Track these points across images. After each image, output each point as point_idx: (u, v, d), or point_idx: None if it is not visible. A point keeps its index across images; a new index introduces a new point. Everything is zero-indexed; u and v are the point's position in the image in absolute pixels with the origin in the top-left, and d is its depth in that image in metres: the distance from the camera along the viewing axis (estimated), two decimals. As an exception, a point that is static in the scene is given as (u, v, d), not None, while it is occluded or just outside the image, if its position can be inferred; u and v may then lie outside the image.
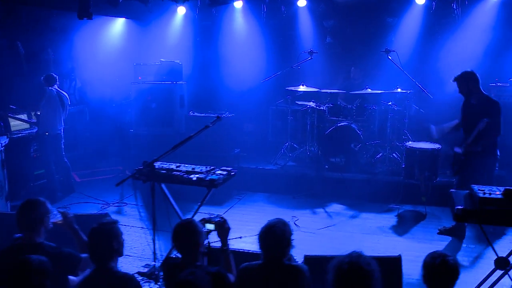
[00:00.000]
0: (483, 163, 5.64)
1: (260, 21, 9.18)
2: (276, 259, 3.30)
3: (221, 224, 3.63)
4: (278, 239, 3.28)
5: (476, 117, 5.49)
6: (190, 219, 3.53)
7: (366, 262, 2.62)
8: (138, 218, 6.84)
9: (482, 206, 3.70)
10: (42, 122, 7.24)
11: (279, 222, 3.40)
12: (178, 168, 4.98)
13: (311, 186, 7.57)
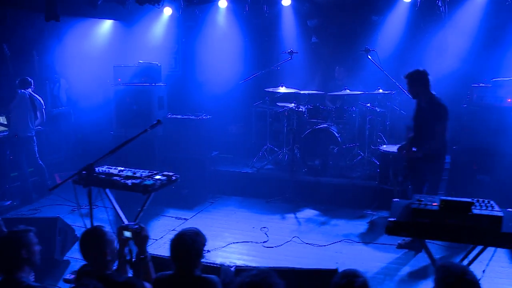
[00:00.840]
0: (429, 169, 5.37)
1: (243, 21, 9.03)
2: (186, 270, 3.20)
3: (137, 232, 3.52)
4: (187, 250, 3.18)
5: (423, 121, 5.26)
6: (97, 226, 3.42)
7: (271, 281, 2.54)
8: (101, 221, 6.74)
9: (414, 219, 3.46)
10: (12, 124, 7.27)
11: (190, 232, 3.30)
12: (120, 172, 4.87)
13: (286, 190, 7.38)
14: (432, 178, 5.41)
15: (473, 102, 6.84)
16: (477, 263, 3.54)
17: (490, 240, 3.29)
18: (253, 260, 5.34)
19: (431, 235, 3.47)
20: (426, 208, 3.43)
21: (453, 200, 3.42)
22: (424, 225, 3.41)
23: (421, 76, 5.24)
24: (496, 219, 3.24)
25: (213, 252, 5.63)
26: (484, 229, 3.27)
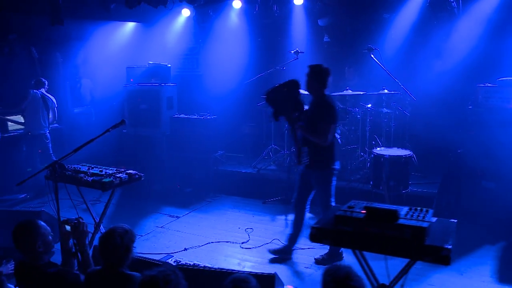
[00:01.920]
0: (315, 178, 5.12)
1: (254, 21, 9.03)
2: (112, 266, 3.27)
3: (75, 227, 3.64)
4: (115, 246, 3.24)
5: (310, 116, 5.02)
6: (32, 219, 3.56)
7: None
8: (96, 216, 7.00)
9: (336, 226, 3.32)
10: (26, 123, 7.73)
11: (119, 229, 3.36)
12: (89, 170, 5.06)
13: (283, 191, 7.30)
14: (320, 188, 5.14)
15: (478, 103, 6.42)
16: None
17: (412, 252, 3.10)
18: (224, 261, 5.36)
19: (353, 244, 3.31)
20: (350, 215, 3.29)
21: (378, 208, 3.26)
22: (347, 233, 3.27)
23: (321, 73, 4.99)
24: (419, 230, 3.05)
25: (190, 250, 5.70)
26: (407, 240, 3.08)
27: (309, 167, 5.09)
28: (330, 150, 5.06)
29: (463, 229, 6.01)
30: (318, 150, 4.96)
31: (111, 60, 9.63)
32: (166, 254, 5.58)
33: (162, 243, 5.99)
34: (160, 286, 2.61)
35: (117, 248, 3.25)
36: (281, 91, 4.91)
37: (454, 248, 5.32)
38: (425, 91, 7.60)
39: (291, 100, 4.89)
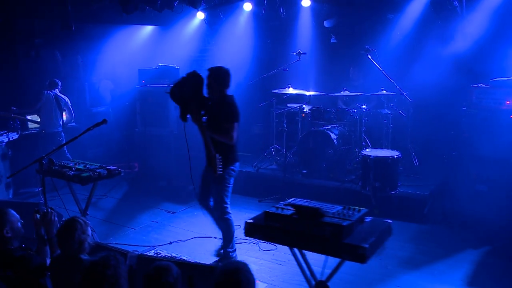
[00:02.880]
0: (212, 177, 5.07)
1: (263, 23, 9.20)
2: (69, 253, 3.50)
3: (44, 215, 3.93)
4: (66, 238, 3.50)
5: (212, 117, 5.01)
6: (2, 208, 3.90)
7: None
8: (99, 210, 7.42)
9: (266, 222, 3.44)
10: (41, 122, 8.27)
11: (75, 221, 3.61)
12: (74, 165, 5.39)
13: (280, 190, 7.41)
14: (216, 186, 5.10)
15: (472, 104, 6.27)
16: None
17: (331, 249, 3.18)
18: (203, 255, 5.57)
19: (281, 240, 3.43)
20: (278, 212, 3.41)
21: (304, 206, 3.36)
22: (276, 229, 3.39)
23: (220, 74, 5.02)
24: (337, 228, 3.13)
25: (174, 243, 5.95)
26: (327, 237, 3.17)
27: (208, 166, 5.14)
28: (230, 150, 5.04)
29: (450, 233, 6.00)
30: (217, 150, 4.90)
31: (129, 62, 10.08)
32: (150, 246, 5.85)
33: (152, 236, 6.27)
34: (99, 270, 2.82)
35: (71, 244, 3.50)
36: (186, 85, 4.83)
37: (433, 251, 5.37)
38: (426, 92, 7.51)
39: (196, 95, 4.87)
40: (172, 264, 3.01)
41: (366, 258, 3.05)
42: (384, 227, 3.41)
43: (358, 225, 3.32)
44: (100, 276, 2.78)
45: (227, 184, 5.11)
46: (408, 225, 6.35)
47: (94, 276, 2.80)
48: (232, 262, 2.82)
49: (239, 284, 2.57)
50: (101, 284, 2.77)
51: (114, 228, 6.60)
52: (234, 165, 5.15)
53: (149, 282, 2.88)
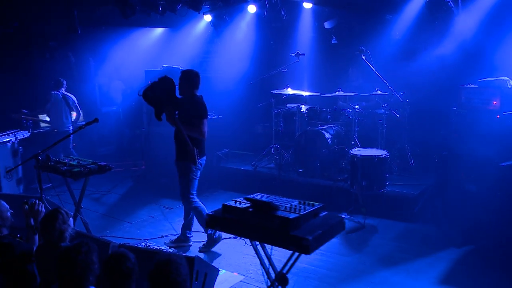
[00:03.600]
0: (180, 168, 5.63)
1: (265, 25, 9.37)
2: (51, 242, 3.75)
3: (31, 206, 4.22)
4: (50, 223, 3.75)
5: (185, 115, 5.37)
6: None
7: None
8: (102, 205, 7.74)
9: (224, 214, 3.63)
10: (51, 121, 8.66)
11: (57, 212, 3.88)
12: (69, 161, 5.69)
13: (275, 189, 7.54)
14: (184, 178, 5.57)
15: (461, 105, 6.29)
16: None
17: (280, 241, 3.33)
18: (190, 249, 5.79)
19: (237, 231, 3.61)
20: (235, 205, 3.59)
21: (258, 200, 3.53)
22: (232, 221, 3.57)
23: (190, 76, 5.52)
24: (285, 221, 3.28)
25: (165, 237, 6.19)
26: (275, 229, 3.32)
27: (176, 159, 5.65)
28: (198, 145, 5.43)
29: (437, 232, 6.04)
30: (184, 142, 5.31)
31: (139, 63, 10.38)
32: (142, 239, 6.11)
33: (147, 230, 6.54)
34: (71, 256, 3.08)
35: (51, 232, 3.76)
36: (158, 88, 5.20)
37: (414, 249, 5.44)
38: (422, 92, 7.57)
39: (170, 97, 5.23)
40: (128, 252, 3.23)
41: (310, 249, 3.18)
42: (335, 222, 3.53)
43: (309, 218, 3.44)
44: (72, 261, 3.04)
45: (194, 176, 5.56)
46: (396, 223, 6.43)
47: (66, 261, 3.06)
48: (166, 253, 3.01)
49: (169, 275, 2.74)
50: (73, 268, 3.03)
51: (112, 222, 6.89)
52: (201, 159, 5.57)
53: (105, 267, 3.12)
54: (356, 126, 7.41)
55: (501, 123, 5.78)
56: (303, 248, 3.20)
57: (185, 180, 5.56)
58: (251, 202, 3.56)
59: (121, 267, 3.10)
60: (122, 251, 3.22)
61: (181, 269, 2.76)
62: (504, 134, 5.73)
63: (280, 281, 3.73)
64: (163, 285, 2.70)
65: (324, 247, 5.52)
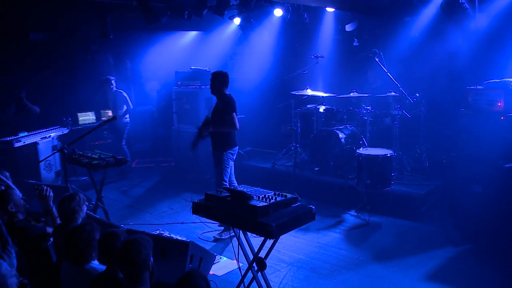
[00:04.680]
0: (216, 158, 6.31)
1: (288, 28, 9.67)
2: (66, 222, 4.30)
3: (40, 192, 4.78)
4: (64, 209, 4.24)
5: (217, 112, 6.20)
6: (5, 189, 4.80)
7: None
8: (128, 197, 8.34)
9: (206, 202, 4.01)
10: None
11: (70, 195, 4.38)
12: (91, 155, 6.27)
13: (289, 186, 7.84)
14: (218, 167, 6.24)
15: (469, 106, 6.33)
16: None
17: (249, 226, 3.69)
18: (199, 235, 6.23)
19: (216, 217, 4.01)
20: (216, 194, 3.98)
21: (235, 190, 3.91)
22: (212, 208, 3.96)
23: (220, 76, 6.26)
24: (253, 209, 3.63)
25: (185, 224, 6.71)
26: (245, 216, 3.68)
27: (213, 150, 6.37)
28: (228, 135, 6.17)
29: (439, 231, 6.16)
30: (218, 135, 6.18)
31: (174, 64, 10.95)
32: (156, 225, 6.62)
33: (164, 220, 7.03)
34: (76, 233, 3.56)
35: (65, 210, 4.30)
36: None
37: (411, 246, 5.59)
38: (437, 92, 7.62)
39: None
40: (121, 232, 3.67)
41: (274, 235, 3.51)
42: (303, 212, 3.82)
43: (279, 208, 3.76)
44: (76, 237, 3.51)
45: (226, 165, 6.21)
46: (401, 222, 6.56)
47: (72, 237, 3.53)
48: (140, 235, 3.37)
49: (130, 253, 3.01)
50: (78, 243, 3.48)
51: (135, 212, 7.46)
52: (232, 149, 6.27)
53: (99, 245, 3.57)
54: (368, 126, 7.57)
55: (505, 124, 5.80)
56: (267, 233, 3.53)
57: (219, 168, 6.23)
58: (229, 192, 3.93)
59: (110, 244, 3.54)
60: (114, 231, 3.64)
61: (141, 249, 3.09)
62: (509, 136, 5.74)
63: (258, 264, 4.05)
64: (126, 262, 3.06)
65: (324, 241, 5.96)
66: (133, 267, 3.04)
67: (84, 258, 3.55)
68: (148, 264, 3.09)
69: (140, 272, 3.05)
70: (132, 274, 3.06)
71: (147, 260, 3.07)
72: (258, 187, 4.24)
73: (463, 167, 6.36)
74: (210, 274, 4.95)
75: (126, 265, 3.06)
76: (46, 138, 8.21)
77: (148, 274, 3.11)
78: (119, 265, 3.14)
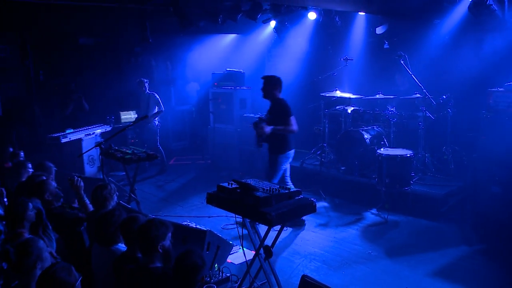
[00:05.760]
0: (270, 159, 6.34)
1: (321, 30, 9.92)
2: (98, 209, 4.83)
3: (71, 181, 5.32)
4: (96, 196, 4.75)
5: (274, 115, 6.21)
6: (42, 179, 5.34)
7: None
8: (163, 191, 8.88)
9: (218, 193, 4.40)
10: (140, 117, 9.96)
11: (103, 184, 4.89)
12: (125, 150, 6.82)
13: (317, 184, 8.11)
14: (270, 169, 6.29)
15: (490, 108, 6.39)
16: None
17: (253, 215, 4.04)
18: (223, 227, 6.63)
19: (226, 207, 4.35)
20: (226, 186, 4.36)
21: (243, 182, 4.27)
22: (223, 198, 4.35)
23: (273, 80, 6.35)
24: (256, 199, 3.98)
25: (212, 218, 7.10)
26: (250, 205, 4.04)
27: (269, 152, 6.41)
28: (285, 138, 6.20)
29: (456, 231, 6.26)
30: (274, 138, 6.18)
31: (211, 66, 11.46)
32: (185, 217, 7.08)
33: (193, 213, 7.47)
34: (105, 218, 4.00)
35: (97, 198, 4.82)
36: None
37: (425, 244, 5.74)
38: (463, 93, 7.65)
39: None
40: (142, 217, 4.10)
41: (273, 223, 3.84)
42: (304, 204, 4.13)
43: (282, 199, 4.08)
44: (104, 221, 3.98)
45: (278, 168, 6.30)
46: (419, 221, 6.69)
47: (102, 221, 3.99)
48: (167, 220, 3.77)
49: (147, 231, 3.47)
50: (105, 227, 3.94)
51: (167, 205, 7.96)
52: (287, 153, 6.34)
53: (121, 228, 4.04)
54: (392, 127, 7.71)
55: (524, 126, 5.83)
56: (267, 221, 3.86)
57: (271, 171, 6.32)
58: (238, 184, 4.30)
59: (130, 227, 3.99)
60: (135, 216, 4.09)
61: (158, 228, 3.49)
62: (527, 138, 5.78)
63: (265, 251, 4.39)
64: (143, 238, 3.49)
65: (340, 236, 6.22)
66: (148, 243, 3.44)
67: (110, 240, 4.01)
68: (162, 244, 3.48)
69: (155, 248, 3.46)
70: (148, 250, 3.46)
71: (161, 239, 3.47)
72: (267, 182, 4.60)
73: (483, 169, 6.44)
74: (227, 262, 5.34)
75: (143, 241, 3.47)
76: (90, 135, 8.90)
77: (160, 255, 3.51)
78: (138, 241, 3.56)
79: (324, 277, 5.10)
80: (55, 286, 2.85)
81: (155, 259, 3.50)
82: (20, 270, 3.49)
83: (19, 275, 3.56)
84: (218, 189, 4.41)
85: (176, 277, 3.08)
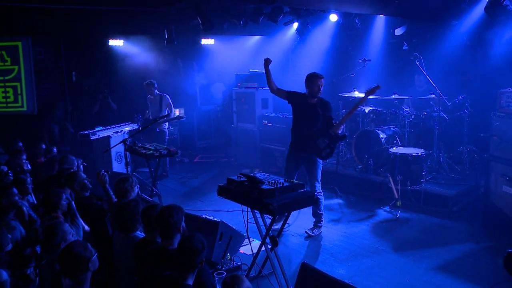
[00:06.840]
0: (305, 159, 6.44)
1: (341, 32, 10.13)
2: (120, 198, 5.24)
3: (98, 174, 5.73)
4: (118, 188, 5.18)
5: (318, 116, 6.24)
6: (74, 171, 5.83)
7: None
8: (185, 186, 9.28)
9: (228, 186, 4.72)
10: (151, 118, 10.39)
11: (124, 177, 5.32)
12: (148, 146, 7.24)
13: (333, 181, 8.33)
14: (310, 168, 6.46)
15: (501, 108, 6.48)
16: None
17: (257, 205, 4.35)
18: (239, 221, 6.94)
19: (235, 198, 4.68)
20: (235, 179, 4.69)
21: (250, 176, 4.59)
22: (232, 190, 4.68)
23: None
24: (260, 191, 4.30)
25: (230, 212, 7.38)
26: (255, 197, 4.35)
27: (302, 151, 6.54)
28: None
29: (465, 230, 6.38)
30: (313, 136, 6.30)
31: (236, 66, 11.79)
32: (204, 211, 7.43)
33: (213, 207, 7.82)
34: (124, 207, 4.42)
35: (120, 189, 5.23)
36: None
37: (432, 240, 5.92)
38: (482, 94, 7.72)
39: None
40: (160, 206, 4.46)
41: (275, 213, 4.14)
42: (306, 196, 4.42)
43: (285, 192, 4.38)
44: (124, 210, 4.37)
45: (320, 166, 6.57)
46: (430, 219, 6.83)
47: (120, 210, 4.39)
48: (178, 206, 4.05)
49: (165, 215, 3.83)
50: (124, 215, 4.33)
51: (189, 200, 8.34)
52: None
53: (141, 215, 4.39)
54: (407, 127, 7.86)
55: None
56: (270, 211, 4.18)
57: (316, 169, 6.50)
58: (246, 177, 4.62)
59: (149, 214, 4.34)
60: (154, 204, 4.45)
61: (174, 213, 3.84)
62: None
63: (271, 240, 4.69)
64: (161, 222, 3.83)
65: (351, 231, 6.45)
66: (166, 227, 3.77)
67: (130, 227, 4.39)
68: (179, 227, 3.81)
69: (172, 232, 3.79)
70: (166, 233, 3.80)
71: (178, 223, 3.80)
72: (275, 176, 4.90)
73: (495, 168, 6.52)
74: (239, 252, 5.66)
75: (161, 224, 3.80)
76: (118, 133, 9.39)
77: (179, 236, 3.84)
78: (156, 225, 3.90)
79: (330, 268, 5.35)
80: (72, 260, 3.23)
81: (174, 241, 3.83)
82: (47, 249, 3.92)
83: (46, 255, 4.00)
84: (228, 182, 4.74)
85: (178, 258, 3.40)
